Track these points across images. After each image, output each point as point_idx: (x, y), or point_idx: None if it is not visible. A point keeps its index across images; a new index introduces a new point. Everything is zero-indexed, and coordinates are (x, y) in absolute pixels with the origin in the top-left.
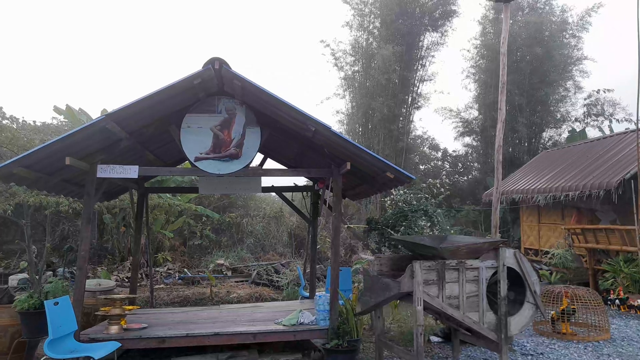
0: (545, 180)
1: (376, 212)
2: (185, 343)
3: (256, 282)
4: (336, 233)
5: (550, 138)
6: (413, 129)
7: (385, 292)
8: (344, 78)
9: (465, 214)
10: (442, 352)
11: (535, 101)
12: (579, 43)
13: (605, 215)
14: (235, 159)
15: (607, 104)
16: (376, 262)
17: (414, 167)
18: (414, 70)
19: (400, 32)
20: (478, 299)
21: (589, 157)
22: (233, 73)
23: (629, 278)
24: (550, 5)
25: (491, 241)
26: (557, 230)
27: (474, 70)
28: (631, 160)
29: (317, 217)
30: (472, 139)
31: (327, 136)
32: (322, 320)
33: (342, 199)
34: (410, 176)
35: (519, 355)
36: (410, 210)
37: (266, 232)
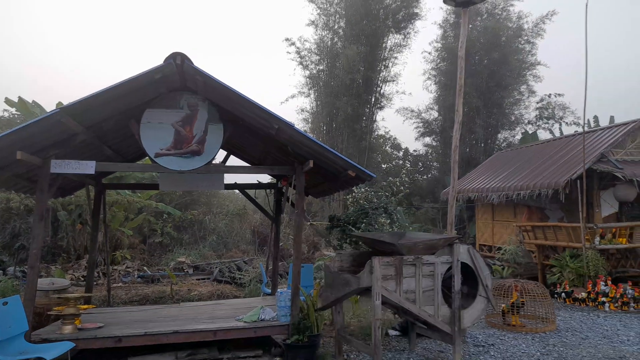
0: (499, 179)
1: (339, 210)
2: (142, 342)
3: (218, 280)
4: (298, 230)
5: (505, 139)
6: (376, 129)
7: (345, 288)
8: (309, 77)
9: (425, 212)
10: (399, 345)
11: (491, 104)
12: (533, 49)
13: (553, 213)
14: (197, 156)
15: (558, 107)
16: (337, 258)
17: (376, 165)
18: (378, 71)
19: (364, 33)
20: (434, 293)
21: (539, 158)
22: (195, 68)
23: (574, 272)
24: (507, 11)
25: (446, 238)
26: (509, 227)
27: (435, 73)
28: (578, 161)
29: (280, 215)
30: (432, 139)
31: (290, 134)
32: (283, 317)
33: (304, 196)
34: (370, 175)
35: (471, 346)
36: (371, 207)
37: (229, 230)
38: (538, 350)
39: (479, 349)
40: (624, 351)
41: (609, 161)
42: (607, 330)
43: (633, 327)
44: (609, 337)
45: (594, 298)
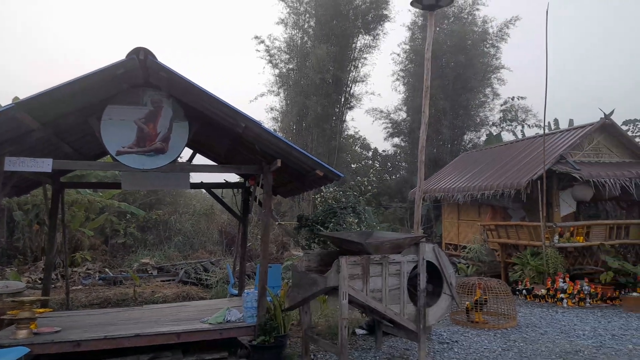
0: (464, 180)
1: (309, 209)
2: (102, 346)
3: (184, 281)
4: (266, 230)
5: (471, 140)
6: (345, 129)
7: (313, 287)
8: (279, 75)
9: (393, 211)
10: (366, 344)
11: (458, 106)
12: (498, 53)
13: (515, 213)
14: (161, 154)
15: (520, 110)
16: (304, 258)
17: (346, 165)
18: (347, 71)
19: (334, 33)
20: (400, 292)
21: (503, 159)
22: (159, 64)
23: (534, 270)
24: (473, 15)
25: (412, 237)
26: (474, 226)
27: (403, 74)
28: (539, 162)
29: (248, 215)
30: (400, 139)
31: (258, 133)
32: (249, 318)
33: (272, 196)
34: (338, 174)
35: (436, 343)
36: (339, 207)
37: (196, 230)
38: (499, 346)
39: (443, 346)
40: (580, 345)
41: (567, 162)
42: (565, 326)
43: (588, 322)
44: (566, 332)
45: (553, 294)
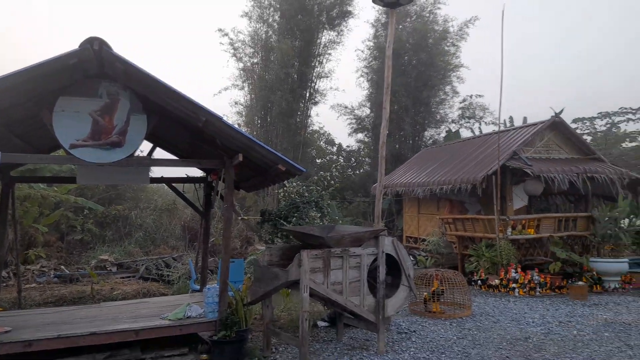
0: (424, 175)
1: (274, 204)
2: (56, 345)
3: (144, 278)
4: (227, 224)
5: (431, 137)
6: (310, 124)
7: (274, 281)
8: (243, 69)
9: (357, 206)
10: (327, 336)
11: (419, 103)
12: (458, 52)
13: (472, 207)
14: (117, 147)
15: (478, 108)
16: (266, 252)
17: (311, 160)
18: (312, 67)
19: (299, 28)
20: (360, 284)
21: (460, 155)
22: (115, 55)
23: (489, 261)
24: (434, 14)
25: (372, 230)
26: (433, 220)
27: (367, 71)
28: (494, 158)
29: (210, 209)
30: (364, 135)
31: (219, 127)
32: (210, 313)
33: (234, 190)
34: (300, 169)
35: (395, 333)
36: (302, 202)
37: (157, 225)
38: (455, 335)
39: (402, 336)
40: (529, 332)
41: (520, 158)
42: (516, 314)
43: (538, 310)
44: (517, 320)
45: (505, 284)
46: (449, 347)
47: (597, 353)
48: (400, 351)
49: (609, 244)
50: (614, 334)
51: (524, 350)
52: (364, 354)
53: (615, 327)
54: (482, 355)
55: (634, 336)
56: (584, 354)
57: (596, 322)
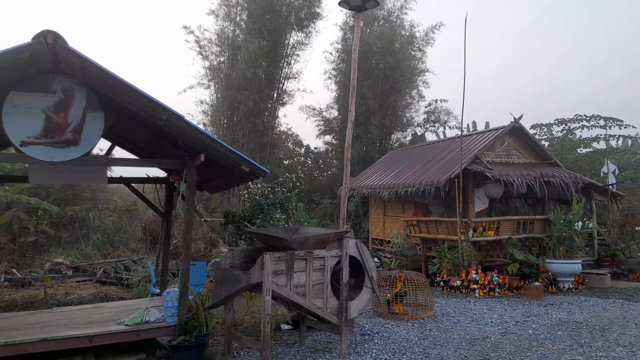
0: (390, 177)
1: (239, 206)
2: (3, 354)
3: (102, 281)
4: (188, 226)
5: (398, 140)
6: (278, 125)
7: (236, 284)
8: (209, 68)
9: (324, 207)
10: (290, 339)
11: (386, 106)
12: (424, 56)
13: (436, 209)
14: (72, 146)
15: (443, 112)
16: (229, 255)
17: (278, 162)
18: (280, 67)
19: (267, 28)
20: (323, 286)
21: (425, 158)
22: (70, 50)
23: (451, 263)
24: (401, 19)
25: (336, 232)
26: (398, 222)
27: (335, 73)
28: (456, 162)
29: (172, 211)
30: (332, 137)
31: (180, 126)
32: (169, 317)
33: (195, 191)
34: (264, 170)
35: (357, 335)
36: (267, 203)
37: (117, 227)
38: (416, 336)
39: (364, 338)
40: (488, 332)
41: (481, 162)
42: (476, 314)
43: (496, 310)
44: (477, 320)
45: (466, 285)
46: (410, 348)
47: (551, 351)
48: (362, 353)
49: (563, 245)
50: (567, 333)
51: (482, 350)
52: (327, 357)
53: (568, 326)
54: (442, 355)
55: (584, 334)
56: (538, 353)
57: (550, 321)
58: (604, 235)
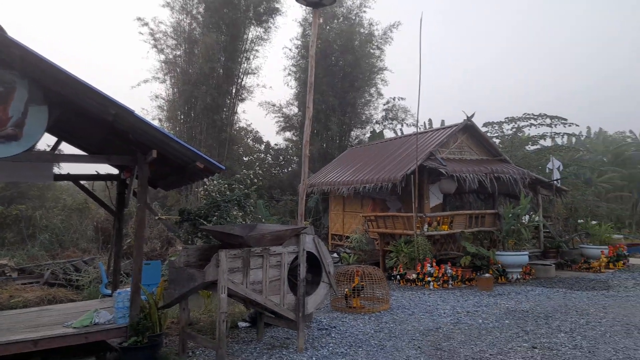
0: (349, 174)
1: (197, 203)
2: None
3: (50, 283)
4: (140, 225)
5: (357, 137)
6: (237, 121)
7: (190, 283)
8: (165, 62)
9: (284, 204)
10: (247, 337)
11: (345, 103)
12: (382, 55)
13: (393, 205)
14: (13, 141)
15: (400, 110)
16: (183, 253)
17: (238, 158)
18: (238, 62)
19: (225, 22)
20: (280, 283)
21: (382, 155)
22: (10, 40)
23: (407, 256)
24: (360, 17)
25: (293, 228)
26: (357, 217)
27: (295, 69)
28: (412, 158)
29: (124, 209)
30: (292, 134)
31: (131, 121)
32: (120, 318)
33: (148, 188)
34: (220, 166)
35: (315, 330)
36: (223, 200)
37: (66, 226)
38: (372, 328)
39: (322, 332)
40: (440, 322)
41: (436, 159)
42: (430, 306)
43: (449, 302)
44: (430, 312)
45: (422, 278)
46: (366, 341)
47: (498, 339)
48: (319, 347)
49: (512, 238)
50: (514, 321)
51: (434, 340)
52: (284, 352)
53: (515, 315)
54: (397, 346)
55: (530, 322)
56: (486, 341)
57: (499, 310)
58: (550, 228)
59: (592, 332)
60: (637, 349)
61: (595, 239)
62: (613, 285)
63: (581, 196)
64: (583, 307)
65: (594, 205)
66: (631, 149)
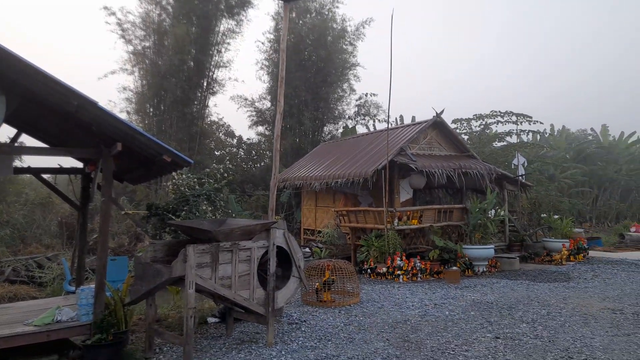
0: (321, 168)
1: (166, 198)
2: None
3: (11, 281)
4: (105, 219)
5: (330, 132)
6: (208, 114)
7: (157, 279)
8: (133, 53)
9: (257, 199)
10: (217, 332)
11: (318, 98)
12: (355, 51)
13: (365, 199)
14: None
15: (373, 106)
16: (150, 248)
17: (209, 152)
18: (210, 55)
19: (195, 13)
20: (249, 277)
21: (354, 150)
22: None
23: (378, 250)
24: (333, 13)
25: (263, 223)
26: (329, 212)
27: (267, 63)
28: (383, 154)
29: (88, 203)
30: (265, 128)
31: (94, 113)
32: (84, 315)
33: (113, 182)
34: (187, 160)
35: (285, 325)
36: (192, 195)
37: (29, 222)
38: (342, 322)
39: (292, 327)
40: (409, 315)
41: (406, 154)
42: (399, 299)
43: (418, 294)
44: (399, 305)
45: (392, 272)
46: (335, 334)
47: (464, 330)
48: (289, 341)
49: (478, 232)
50: (479, 313)
51: (402, 332)
52: (253, 347)
53: (480, 307)
54: (365, 339)
55: (494, 313)
56: (452, 332)
57: (465, 302)
58: (514, 222)
59: (553, 322)
60: (593, 337)
61: (557, 232)
62: (573, 277)
63: (545, 191)
64: (545, 298)
65: (556, 200)
66: (592, 147)
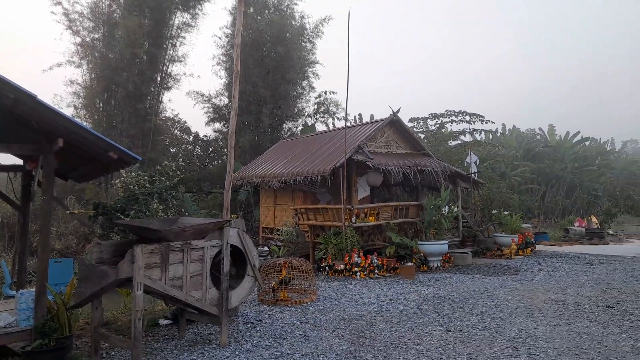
0: (280, 166)
1: (117, 196)
2: None
3: None
4: (46, 219)
5: (289, 129)
6: (163, 110)
7: (102, 281)
8: (81, 45)
9: (214, 197)
10: (169, 334)
11: (277, 95)
12: (314, 48)
13: (323, 197)
14: None
15: (332, 104)
16: (95, 249)
17: (164, 149)
18: (164, 49)
19: (148, 5)
20: (202, 277)
21: (313, 148)
22: None
23: (336, 248)
24: (291, 9)
25: (216, 221)
26: (288, 210)
27: (225, 59)
28: (341, 152)
29: (30, 203)
30: (222, 125)
31: (33, 107)
32: (24, 320)
33: (54, 179)
34: (135, 157)
35: (240, 324)
36: (142, 193)
37: None
38: (298, 320)
39: (247, 326)
40: (364, 311)
41: (363, 152)
42: (355, 295)
43: (374, 290)
44: (356, 301)
45: (349, 269)
46: (291, 332)
47: (417, 324)
48: (243, 341)
49: (433, 228)
50: (432, 307)
51: (357, 328)
52: (206, 348)
53: (433, 301)
54: (321, 336)
55: (446, 307)
56: (406, 327)
57: (419, 297)
58: (467, 219)
59: (500, 314)
60: (537, 327)
61: (507, 228)
62: (521, 270)
63: (496, 188)
64: (494, 291)
65: (507, 197)
66: (540, 145)
